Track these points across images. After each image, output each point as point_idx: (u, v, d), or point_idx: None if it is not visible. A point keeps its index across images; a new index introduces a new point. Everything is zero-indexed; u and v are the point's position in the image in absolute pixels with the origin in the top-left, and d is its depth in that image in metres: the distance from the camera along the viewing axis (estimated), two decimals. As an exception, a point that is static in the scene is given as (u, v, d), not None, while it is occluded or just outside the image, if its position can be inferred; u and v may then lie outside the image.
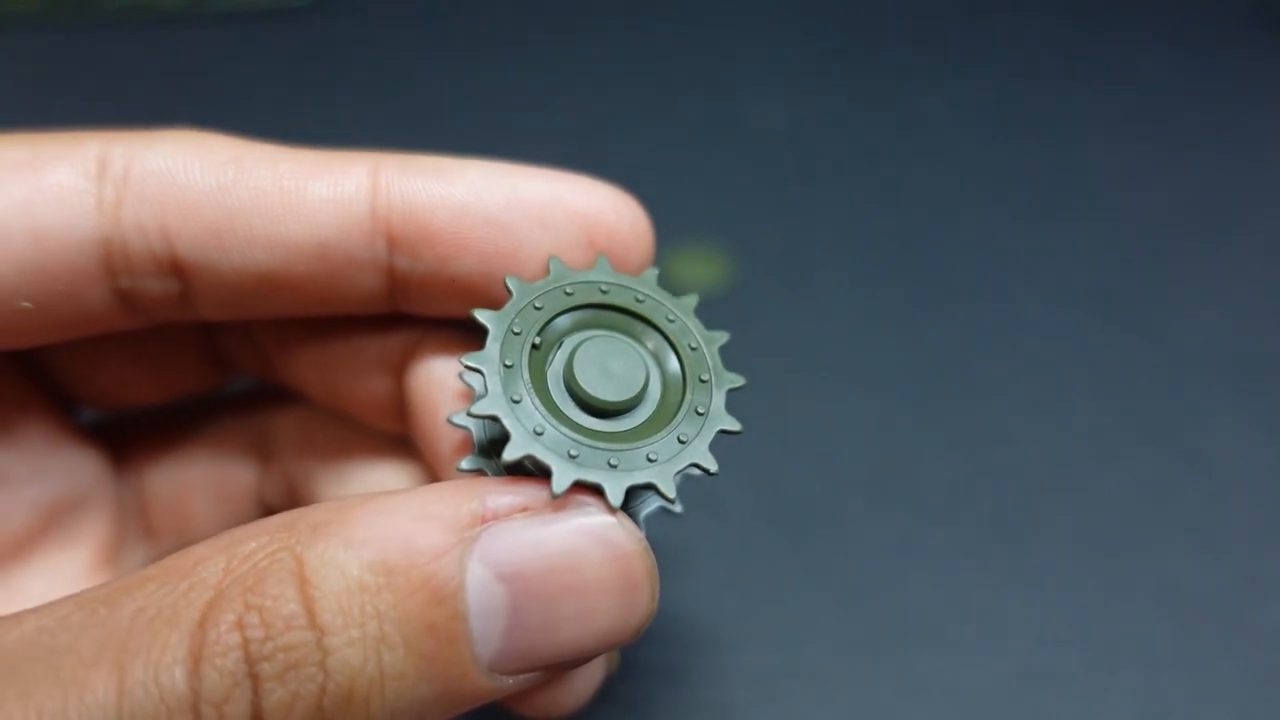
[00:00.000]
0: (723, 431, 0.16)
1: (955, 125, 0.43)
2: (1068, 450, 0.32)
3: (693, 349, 0.17)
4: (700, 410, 0.16)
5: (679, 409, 0.16)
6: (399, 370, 0.21)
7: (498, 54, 0.45)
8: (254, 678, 0.13)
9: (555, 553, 0.15)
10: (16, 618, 0.14)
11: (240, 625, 0.13)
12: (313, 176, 0.18)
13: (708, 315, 0.18)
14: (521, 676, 0.15)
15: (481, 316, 0.16)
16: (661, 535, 0.29)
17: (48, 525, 0.21)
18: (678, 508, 0.18)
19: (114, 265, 0.18)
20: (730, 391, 0.17)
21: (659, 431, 0.16)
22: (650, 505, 0.18)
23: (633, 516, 0.17)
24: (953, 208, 0.39)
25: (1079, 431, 0.32)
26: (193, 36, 0.45)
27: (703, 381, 0.17)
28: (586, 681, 0.20)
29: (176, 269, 0.18)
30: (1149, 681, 0.27)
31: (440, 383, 0.20)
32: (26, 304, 0.18)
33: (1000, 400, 0.33)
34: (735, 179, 0.40)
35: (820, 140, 0.42)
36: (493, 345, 0.16)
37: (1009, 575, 0.29)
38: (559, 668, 0.16)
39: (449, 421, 0.18)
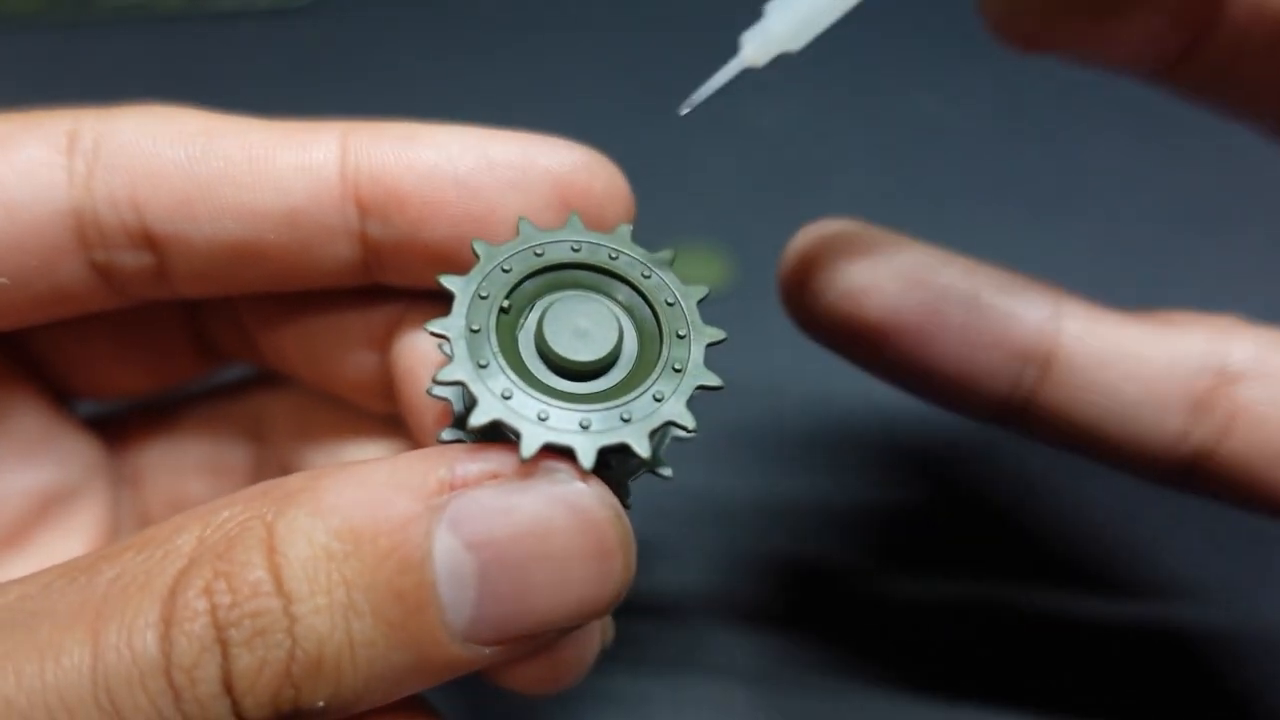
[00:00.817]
0: (702, 387, 0.16)
1: (956, 124, 0.43)
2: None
3: (669, 304, 0.17)
4: (677, 367, 0.16)
5: (655, 366, 0.16)
6: (384, 347, 0.21)
7: (497, 54, 0.45)
8: (222, 643, 0.13)
9: (524, 520, 0.14)
10: (1, 587, 0.15)
11: (208, 591, 0.14)
12: (282, 145, 0.18)
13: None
14: (501, 646, 0.15)
15: (447, 282, 0.16)
16: (661, 534, 0.30)
17: (42, 513, 0.22)
18: (667, 471, 0.17)
19: (87, 238, 0.18)
20: (710, 346, 0.16)
21: (634, 390, 0.15)
22: (635, 470, 0.17)
23: (618, 482, 0.17)
24: (953, 207, 0.39)
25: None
26: (193, 36, 0.45)
27: (680, 337, 0.16)
28: (580, 656, 0.19)
29: (149, 240, 0.18)
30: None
31: (423, 357, 0.20)
32: (2, 279, 0.18)
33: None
34: (735, 179, 0.40)
35: (820, 140, 0.42)
36: (458, 310, 0.16)
37: (1008, 574, 0.29)
38: (538, 638, 0.15)
39: (429, 394, 0.18)
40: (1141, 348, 0.19)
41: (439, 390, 0.17)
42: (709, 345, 0.16)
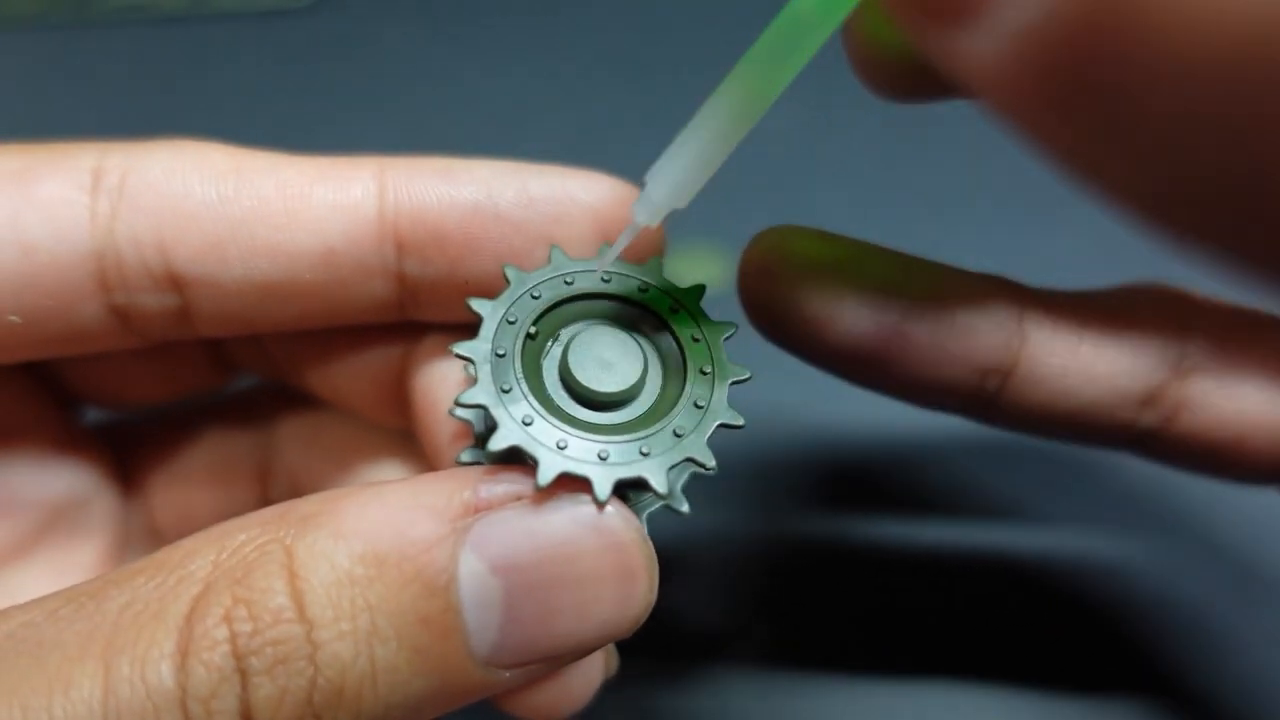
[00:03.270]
0: (723, 425, 0.16)
1: (956, 123, 0.42)
2: (1067, 447, 0.32)
3: (695, 340, 0.16)
4: (699, 404, 0.16)
5: (677, 402, 0.16)
6: (404, 366, 0.21)
7: (498, 53, 0.45)
8: (242, 672, 0.13)
9: (550, 543, 0.14)
10: (4, 614, 0.14)
11: (228, 619, 0.13)
12: (317, 183, 0.18)
13: (711, 315, 0.17)
14: (520, 670, 0.15)
15: (476, 305, 0.16)
16: (662, 537, 0.29)
17: (49, 527, 0.21)
18: (684, 507, 0.17)
19: (108, 280, 0.18)
20: (734, 384, 0.16)
21: (655, 424, 0.15)
22: (652, 503, 0.17)
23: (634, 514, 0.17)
24: (953, 206, 0.39)
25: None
26: (193, 36, 0.45)
27: (704, 374, 0.16)
28: (585, 683, 0.19)
29: (174, 282, 0.18)
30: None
31: (444, 377, 0.20)
32: (14, 318, 0.18)
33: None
34: (735, 179, 0.40)
35: (822, 140, 0.42)
36: (485, 334, 0.16)
37: (1009, 575, 0.29)
38: (558, 660, 0.15)
39: (451, 414, 0.17)
40: (1100, 354, 0.19)
41: (461, 411, 0.17)
42: (733, 384, 0.16)
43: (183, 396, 0.23)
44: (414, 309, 0.19)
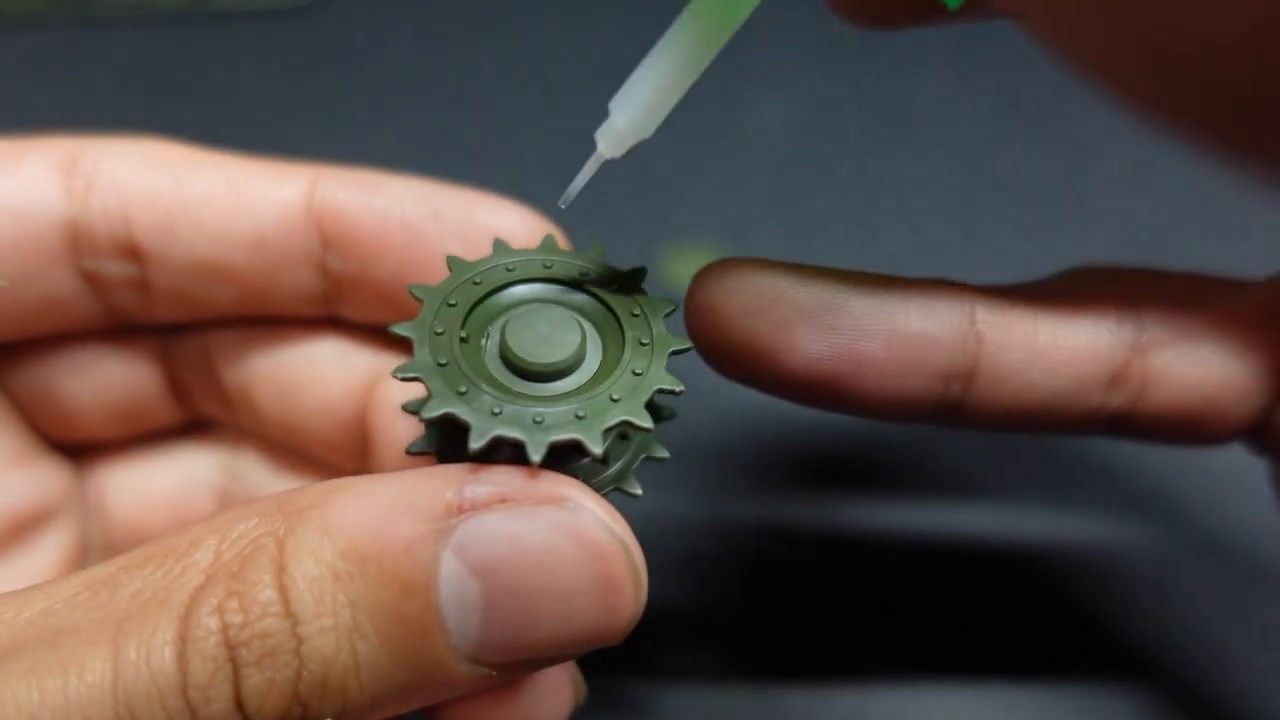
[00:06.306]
0: (661, 390, 0.16)
1: (955, 124, 0.43)
2: (1068, 448, 0.32)
3: (635, 315, 0.17)
4: (637, 371, 0.16)
5: (614, 371, 0.16)
6: (360, 407, 0.21)
7: (497, 53, 0.45)
8: (233, 662, 0.14)
9: (530, 550, 0.14)
10: (24, 597, 0.15)
11: (220, 610, 0.14)
12: (257, 179, 0.20)
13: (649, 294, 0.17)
14: (508, 667, 0.15)
15: (400, 330, 0.16)
16: (662, 537, 0.30)
17: (12, 536, 0.22)
18: (637, 490, 0.18)
19: (79, 246, 0.20)
20: (674, 354, 0.16)
21: (592, 391, 0.16)
22: (605, 486, 0.18)
23: None
24: (953, 207, 0.39)
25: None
26: (193, 36, 0.45)
27: (642, 345, 0.16)
28: (551, 711, 0.19)
29: (134, 252, 0.20)
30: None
31: (401, 415, 0.20)
32: (3, 282, 0.20)
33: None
34: (735, 179, 0.40)
35: (820, 140, 0.42)
36: (420, 351, 0.16)
37: (1009, 574, 0.29)
38: (544, 662, 0.15)
39: (408, 453, 0.18)
40: (1057, 343, 0.19)
41: (419, 446, 0.18)
42: (672, 353, 0.17)
43: (143, 436, 0.24)
44: (338, 304, 0.21)
